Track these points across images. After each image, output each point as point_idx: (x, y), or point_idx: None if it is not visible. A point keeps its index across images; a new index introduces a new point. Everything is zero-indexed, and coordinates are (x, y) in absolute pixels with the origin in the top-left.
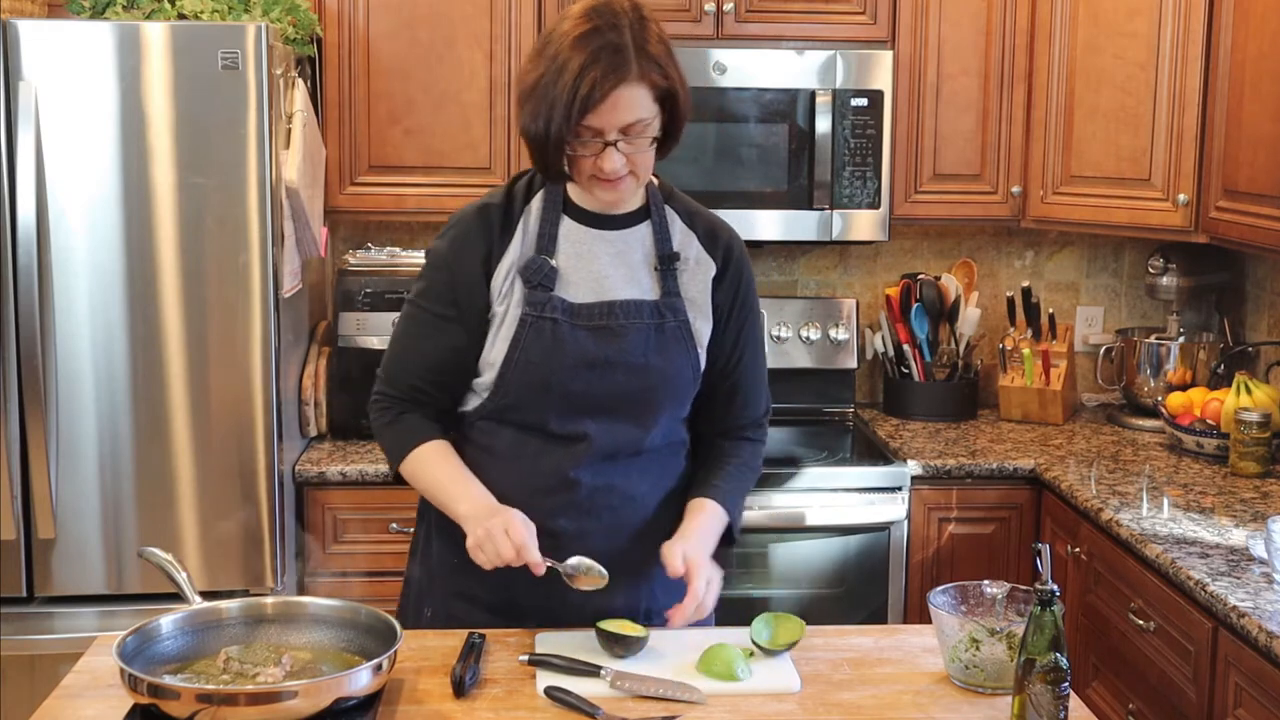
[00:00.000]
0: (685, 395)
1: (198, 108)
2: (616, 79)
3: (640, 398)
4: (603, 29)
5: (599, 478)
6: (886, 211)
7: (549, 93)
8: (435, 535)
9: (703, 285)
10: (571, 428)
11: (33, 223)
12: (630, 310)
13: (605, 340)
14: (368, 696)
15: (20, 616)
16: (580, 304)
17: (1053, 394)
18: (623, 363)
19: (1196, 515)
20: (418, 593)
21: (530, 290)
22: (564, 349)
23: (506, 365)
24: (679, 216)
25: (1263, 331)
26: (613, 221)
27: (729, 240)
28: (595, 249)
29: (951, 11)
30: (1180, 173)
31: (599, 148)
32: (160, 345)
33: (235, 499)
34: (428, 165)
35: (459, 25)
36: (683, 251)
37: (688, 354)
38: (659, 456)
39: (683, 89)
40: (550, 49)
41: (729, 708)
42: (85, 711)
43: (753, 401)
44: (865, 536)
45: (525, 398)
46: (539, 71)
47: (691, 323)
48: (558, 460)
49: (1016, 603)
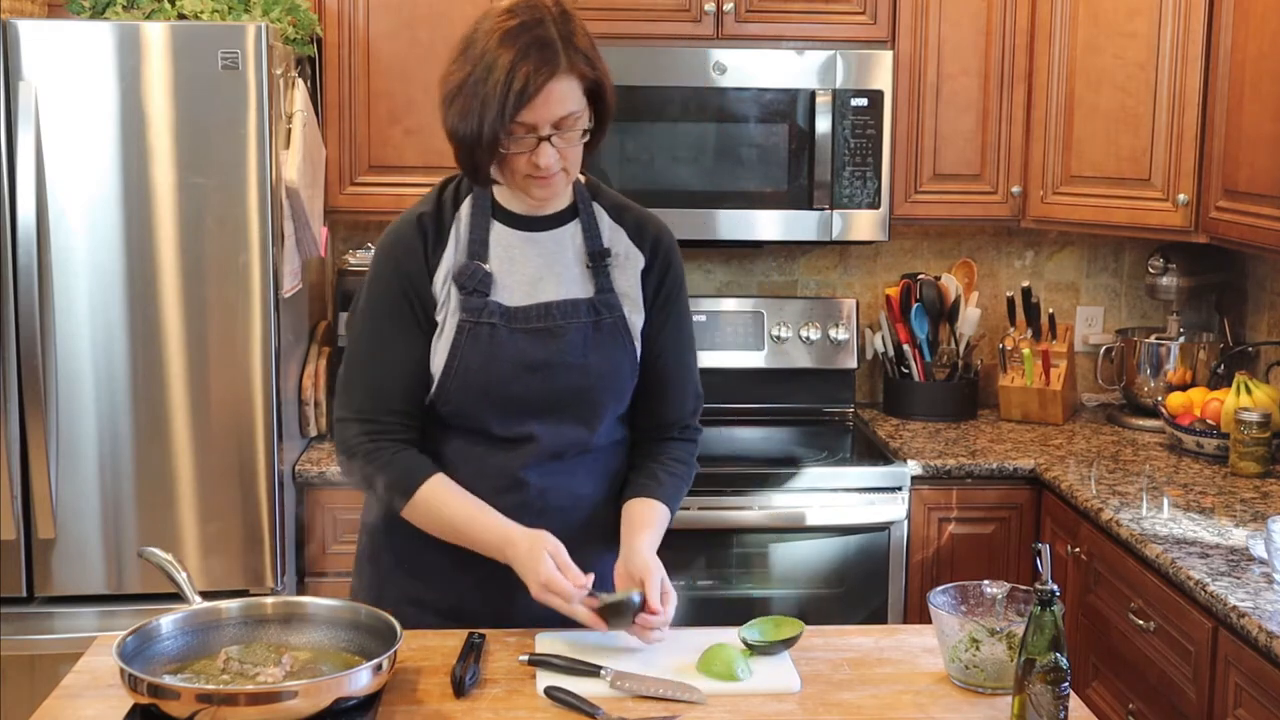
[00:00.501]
0: (625, 390)
1: (198, 108)
2: (549, 72)
3: (582, 397)
4: (529, 24)
5: (547, 478)
6: (886, 211)
7: (479, 90)
8: (384, 546)
9: (633, 278)
10: (516, 430)
11: (33, 223)
12: (566, 310)
13: (543, 342)
14: (368, 696)
15: (20, 616)
16: (516, 307)
17: (1053, 394)
18: (562, 363)
19: (1196, 515)
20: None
21: (466, 296)
22: (502, 353)
23: (446, 373)
24: (606, 212)
25: (1263, 331)
26: (542, 222)
27: (657, 233)
28: (526, 251)
29: (951, 11)
30: (1180, 173)
31: (533, 144)
32: (160, 345)
33: (235, 499)
34: (428, 165)
35: (459, 25)
36: (612, 247)
37: (625, 349)
38: (604, 454)
39: (609, 81)
40: (475, 48)
41: (729, 708)
42: (85, 711)
43: (681, 399)
44: (865, 536)
45: (466, 404)
46: (465, 71)
47: (627, 317)
48: (505, 461)
49: (1016, 603)
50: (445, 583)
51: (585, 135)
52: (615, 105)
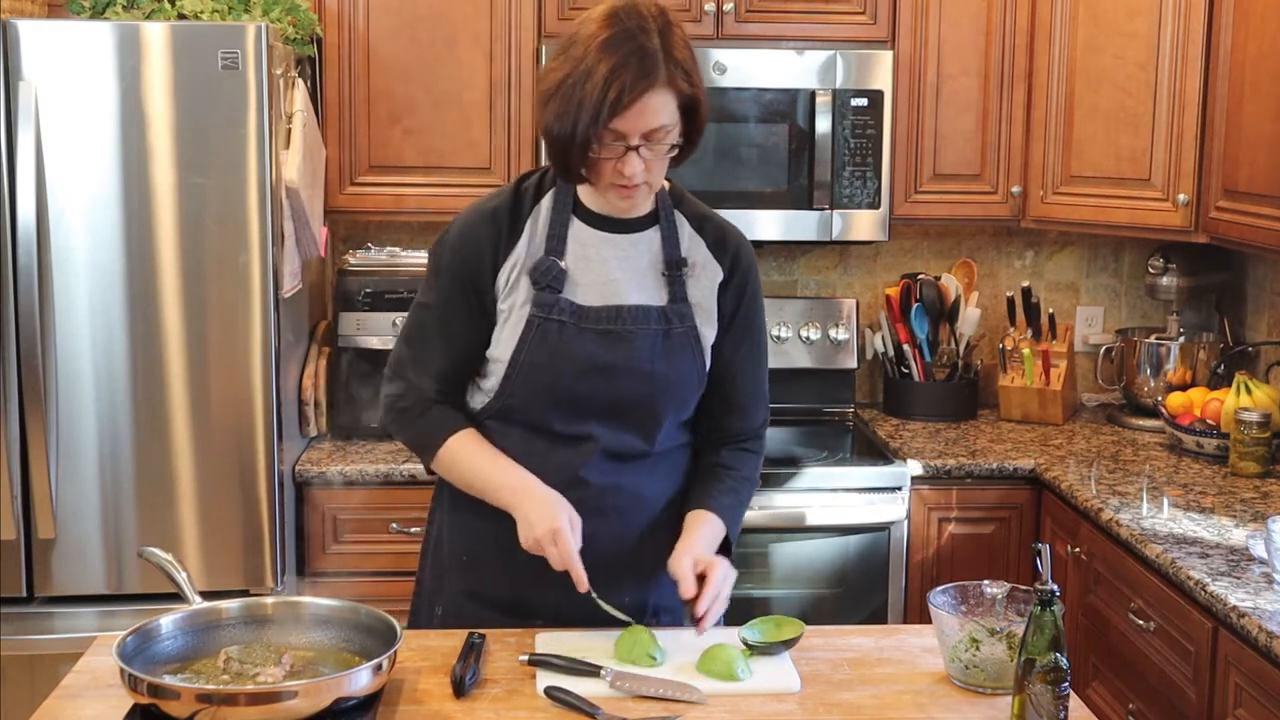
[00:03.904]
0: (689, 401)
1: (198, 108)
2: (646, 84)
3: (645, 403)
4: (632, 32)
5: (607, 477)
6: (886, 211)
7: (575, 94)
8: (445, 535)
9: (709, 290)
10: (577, 429)
11: (33, 223)
12: (638, 315)
13: (612, 345)
14: (368, 696)
15: (20, 616)
16: (588, 306)
17: (1053, 394)
18: (628, 368)
19: (1196, 515)
20: (429, 592)
21: (539, 292)
22: (571, 352)
23: (513, 366)
24: (688, 221)
25: (1263, 331)
26: (622, 225)
27: (737, 247)
28: (604, 252)
29: (951, 11)
30: (1180, 173)
31: (620, 151)
32: (160, 345)
33: (235, 499)
34: (428, 165)
35: (459, 25)
36: (690, 257)
37: (693, 360)
38: (665, 458)
39: (704, 98)
40: (576, 50)
41: (729, 708)
42: (85, 711)
43: (751, 411)
44: (865, 536)
45: (530, 398)
46: (564, 72)
47: (698, 328)
48: (566, 459)
49: (1016, 603)
50: (503, 577)
51: (673, 150)
52: (707, 121)
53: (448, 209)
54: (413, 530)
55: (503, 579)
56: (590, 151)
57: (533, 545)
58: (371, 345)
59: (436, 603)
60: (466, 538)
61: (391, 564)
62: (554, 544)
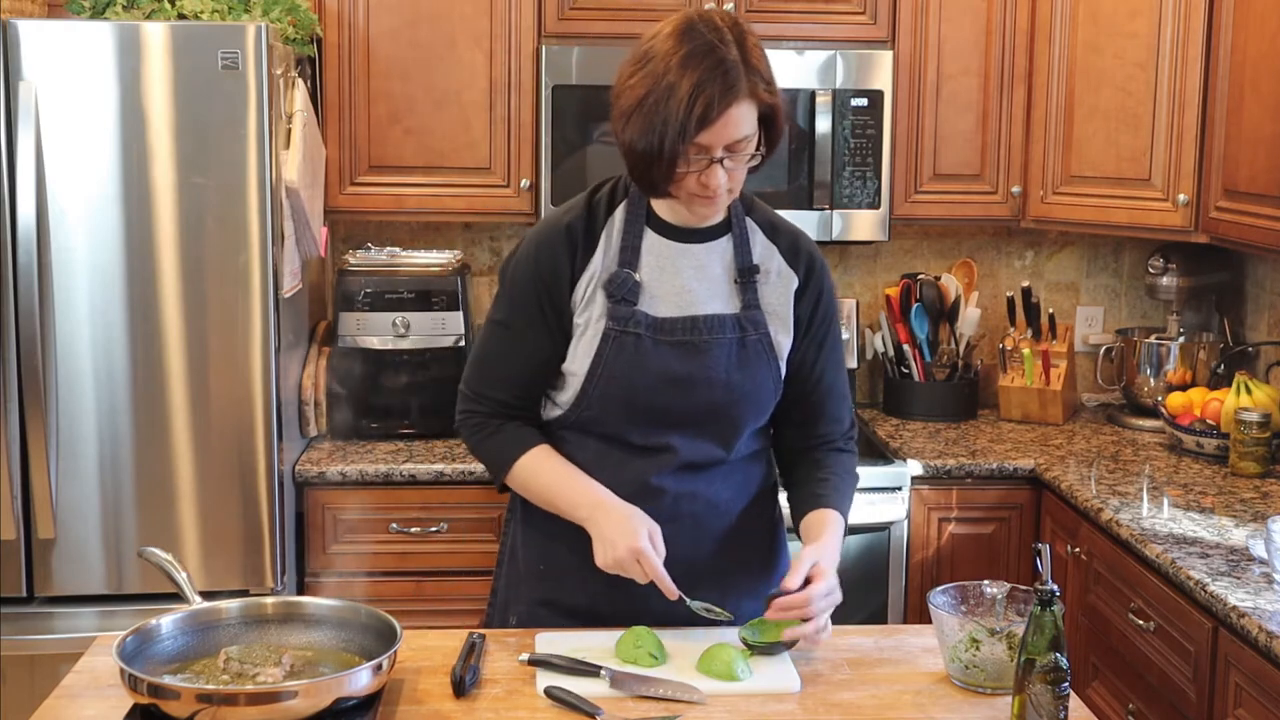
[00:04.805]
0: (767, 408)
1: (198, 108)
2: (731, 98)
3: (723, 413)
4: (711, 45)
5: (683, 485)
6: (886, 211)
7: (660, 111)
8: (521, 545)
9: (784, 297)
10: (655, 440)
11: (33, 223)
12: (714, 325)
13: (689, 356)
14: (368, 696)
15: (20, 616)
16: (664, 318)
17: (1053, 394)
18: (705, 379)
19: (1196, 515)
20: (504, 601)
21: (614, 305)
22: (647, 364)
23: (590, 379)
24: (760, 229)
25: (1263, 331)
26: (695, 235)
27: (810, 253)
28: (678, 262)
29: (951, 11)
30: (1180, 173)
31: (704, 164)
32: (160, 345)
33: (235, 499)
34: (428, 165)
35: (459, 25)
36: (763, 264)
37: (769, 367)
38: (742, 465)
39: (781, 106)
40: (655, 66)
41: (729, 708)
42: (85, 711)
43: (840, 413)
44: (865, 536)
45: (607, 411)
46: (644, 89)
47: (773, 335)
48: (642, 469)
49: (1016, 603)
50: (578, 584)
51: (754, 159)
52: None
53: (448, 209)
54: (413, 530)
55: (580, 589)
56: (677, 167)
57: (613, 565)
58: (372, 345)
59: (511, 611)
60: (542, 548)
61: (391, 564)
62: (637, 563)
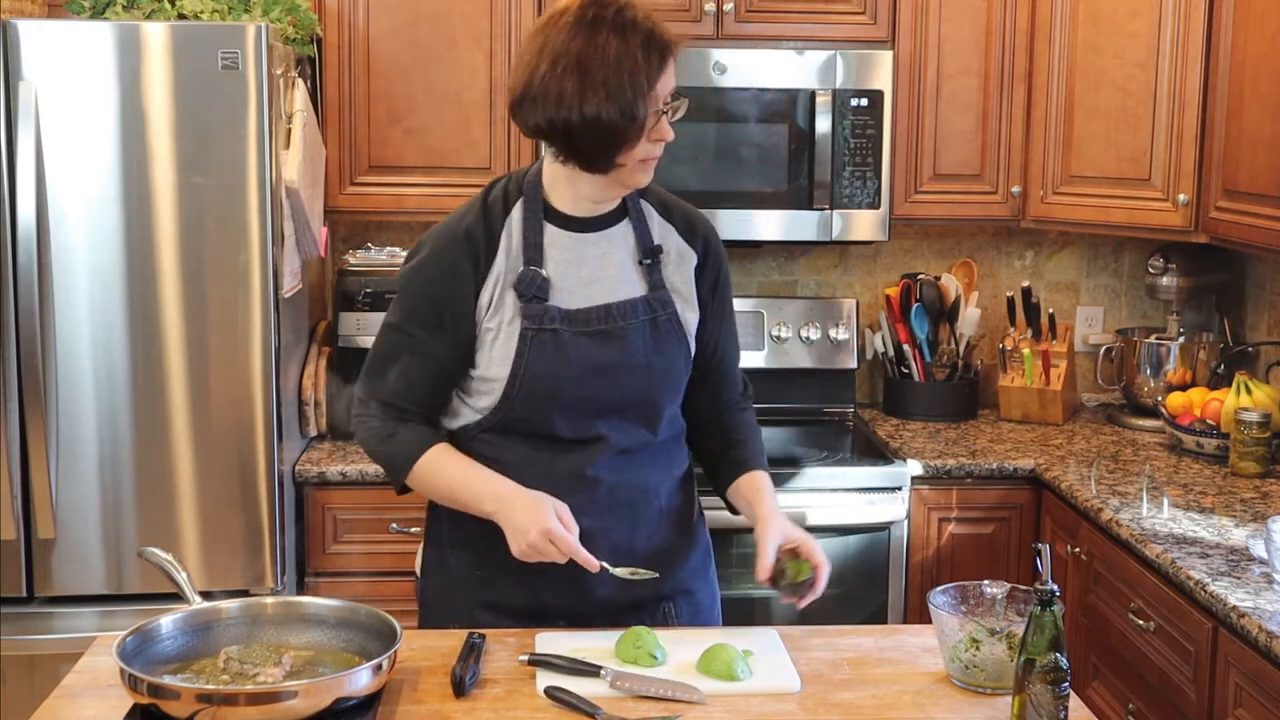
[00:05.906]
0: (681, 386)
1: (198, 108)
2: (670, 41)
3: (645, 396)
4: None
5: (616, 474)
6: (886, 211)
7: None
8: (451, 552)
9: (686, 276)
10: (585, 431)
11: (33, 223)
12: (626, 311)
13: (607, 344)
14: (368, 696)
15: (20, 616)
16: (577, 310)
17: (1053, 394)
18: (626, 364)
19: (1196, 515)
20: (438, 612)
21: (526, 303)
22: (569, 357)
23: (512, 381)
24: (655, 209)
25: (1263, 331)
26: (594, 223)
27: (706, 230)
28: (583, 253)
29: (951, 11)
30: (1180, 173)
31: (655, 119)
32: (160, 345)
33: (235, 499)
34: (428, 165)
35: (459, 25)
36: (664, 244)
37: (680, 346)
38: (666, 447)
39: None
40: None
41: (729, 708)
42: (85, 711)
43: (736, 375)
44: (865, 536)
45: (534, 409)
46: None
47: (680, 315)
48: (576, 462)
49: (1016, 603)
50: (519, 584)
51: (680, 108)
52: None
53: (448, 209)
54: (413, 530)
55: (518, 588)
56: (647, 124)
57: (528, 551)
58: None
59: (447, 621)
60: (477, 551)
61: (391, 564)
62: (550, 543)
